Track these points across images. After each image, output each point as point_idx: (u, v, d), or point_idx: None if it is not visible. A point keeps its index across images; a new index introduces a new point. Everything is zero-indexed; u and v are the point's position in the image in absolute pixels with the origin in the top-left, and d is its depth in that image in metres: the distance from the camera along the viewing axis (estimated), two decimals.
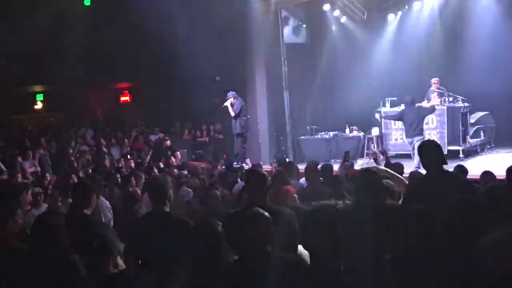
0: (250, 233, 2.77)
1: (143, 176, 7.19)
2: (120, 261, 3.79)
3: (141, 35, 12.82)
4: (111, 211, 5.52)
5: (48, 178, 8.91)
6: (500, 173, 5.77)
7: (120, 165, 9.62)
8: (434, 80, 11.84)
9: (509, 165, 4.57)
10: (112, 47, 13.33)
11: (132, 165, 9.95)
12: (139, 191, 6.88)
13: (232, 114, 11.73)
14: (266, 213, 2.84)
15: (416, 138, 9.69)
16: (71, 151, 10.60)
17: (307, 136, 13.66)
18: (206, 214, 5.03)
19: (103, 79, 15.18)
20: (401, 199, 4.27)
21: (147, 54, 13.66)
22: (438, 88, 11.75)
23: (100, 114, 15.65)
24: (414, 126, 9.84)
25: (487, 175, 5.98)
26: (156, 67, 13.99)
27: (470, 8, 12.63)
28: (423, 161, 4.08)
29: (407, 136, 10.13)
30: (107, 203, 5.75)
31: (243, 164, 11.10)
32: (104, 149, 11.68)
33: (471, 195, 2.70)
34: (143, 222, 4.06)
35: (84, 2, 12.94)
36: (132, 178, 7.00)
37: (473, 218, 2.13)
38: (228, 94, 11.83)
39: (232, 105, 11.75)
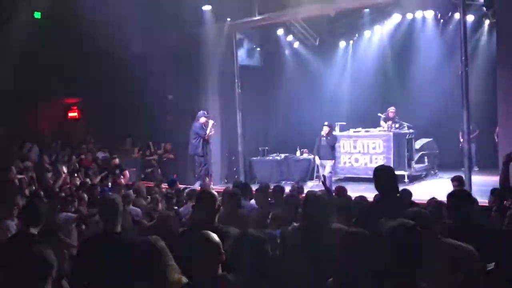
0: (198, 256, 2.75)
1: (86, 196, 6.99)
2: (65, 285, 3.66)
3: (92, 51, 12.58)
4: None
5: None
6: (443, 198, 5.99)
7: (63, 184, 9.29)
8: (391, 109, 12.17)
9: (449, 191, 4.73)
10: (61, 61, 12.99)
11: (78, 183, 9.65)
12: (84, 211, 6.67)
13: (204, 133, 11.28)
14: (215, 237, 2.82)
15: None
16: (13, 168, 10.15)
17: (259, 157, 13.76)
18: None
19: (51, 94, 14.73)
20: None
21: (98, 70, 13.38)
22: (393, 117, 12.10)
23: (47, 130, 15.13)
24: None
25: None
26: (107, 83, 13.72)
27: (417, 39, 13.28)
28: (377, 185, 4.15)
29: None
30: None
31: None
32: (48, 166, 11.28)
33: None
34: (93, 243, 3.88)
35: (34, 14, 12.58)
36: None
37: (409, 243, 2.20)
38: (203, 114, 11.42)
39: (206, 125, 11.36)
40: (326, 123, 11.07)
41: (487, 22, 12.43)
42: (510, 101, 8.91)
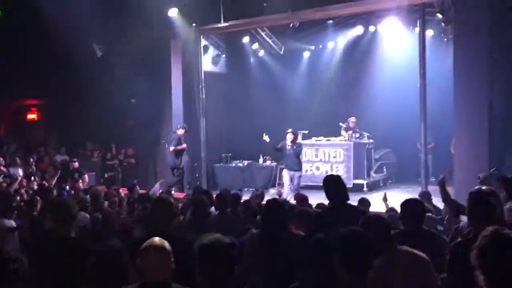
0: (151, 263, 2.72)
1: (39, 199, 6.80)
2: None
3: (54, 51, 12.31)
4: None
5: None
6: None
7: (19, 187, 9.02)
8: (351, 119, 12.45)
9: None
10: (21, 62, 12.66)
11: (35, 187, 9.40)
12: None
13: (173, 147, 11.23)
14: (167, 244, 2.79)
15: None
16: None
17: (221, 164, 13.74)
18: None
19: (9, 95, 14.31)
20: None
21: (60, 71, 13.11)
22: (354, 127, 12.32)
23: (4, 131, 14.68)
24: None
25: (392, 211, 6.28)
26: (69, 85, 13.45)
27: (378, 51, 13.61)
28: (328, 194, 4.27)
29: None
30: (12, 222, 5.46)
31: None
32: (3, 169, 10.94)
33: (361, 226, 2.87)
34: (41, 249, 3.79)
35: None
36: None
37: (361, 248, 2.28)
38: (184, 127, 11.50)
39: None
40: (290, 130, 10.60)
41: (445, 38, 12.85)
42: (464, 114, 9.23)
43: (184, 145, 11.44)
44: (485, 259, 2.05)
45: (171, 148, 11.20)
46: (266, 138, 10.60)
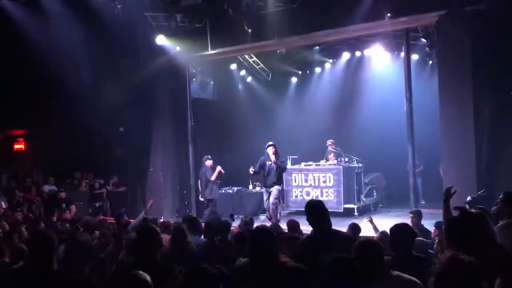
0: None
1: (25, 231, 6.67)
2: None
3: (41, 81, 12.28)
4: None
5: None
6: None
7: (5, 218, 8.87)
8: (329, 141, 12.66)
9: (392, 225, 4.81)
10: (7, 91, 12.60)
11: (19, 217, 9.24)
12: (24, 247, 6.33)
13: (213, 178, 11.31)
14: (147, 277, 2.74)
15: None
16: None
17: None
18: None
19: None
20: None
21: (47, 100, 13.05)
22: (334, 149, 12.44)
23: None
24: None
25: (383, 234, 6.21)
26: (56, 114, 13.38)
27: (365, 75, 13.77)
28: (309, 220, 4.22)
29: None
30: None
31: None
32: None
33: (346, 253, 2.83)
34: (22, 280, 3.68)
35: None
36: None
37: (347, 275, 2.24)
38: (208, 157, 11.52)
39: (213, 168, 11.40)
40: (270, 143, 10.53)
41: (430, 61, 13.03)
42: (451, 137, 9.29)
43: (219, 168, 11.44)
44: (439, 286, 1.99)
45: (212, 178, 11.26)
46: (251, 171, 10.62)
